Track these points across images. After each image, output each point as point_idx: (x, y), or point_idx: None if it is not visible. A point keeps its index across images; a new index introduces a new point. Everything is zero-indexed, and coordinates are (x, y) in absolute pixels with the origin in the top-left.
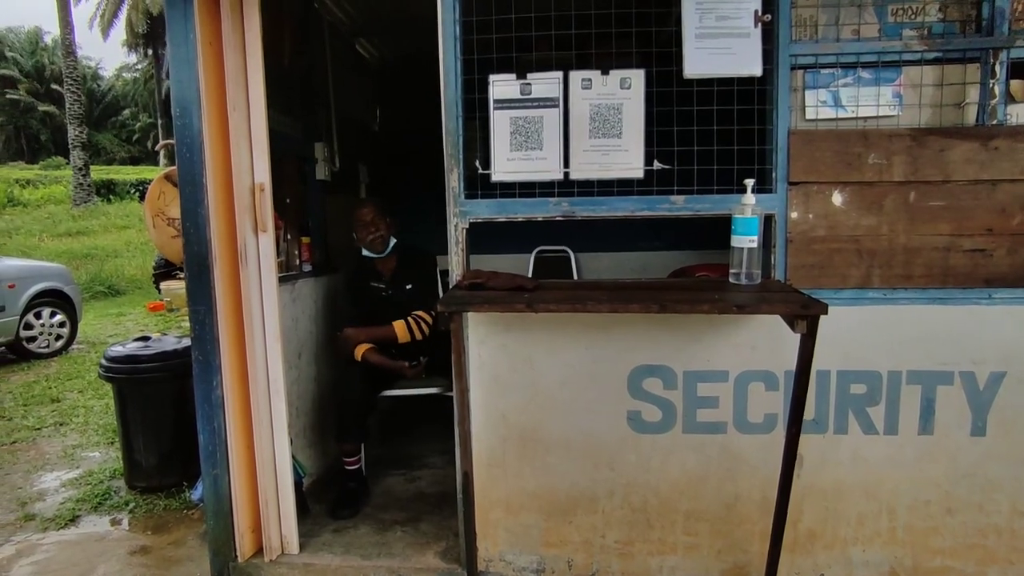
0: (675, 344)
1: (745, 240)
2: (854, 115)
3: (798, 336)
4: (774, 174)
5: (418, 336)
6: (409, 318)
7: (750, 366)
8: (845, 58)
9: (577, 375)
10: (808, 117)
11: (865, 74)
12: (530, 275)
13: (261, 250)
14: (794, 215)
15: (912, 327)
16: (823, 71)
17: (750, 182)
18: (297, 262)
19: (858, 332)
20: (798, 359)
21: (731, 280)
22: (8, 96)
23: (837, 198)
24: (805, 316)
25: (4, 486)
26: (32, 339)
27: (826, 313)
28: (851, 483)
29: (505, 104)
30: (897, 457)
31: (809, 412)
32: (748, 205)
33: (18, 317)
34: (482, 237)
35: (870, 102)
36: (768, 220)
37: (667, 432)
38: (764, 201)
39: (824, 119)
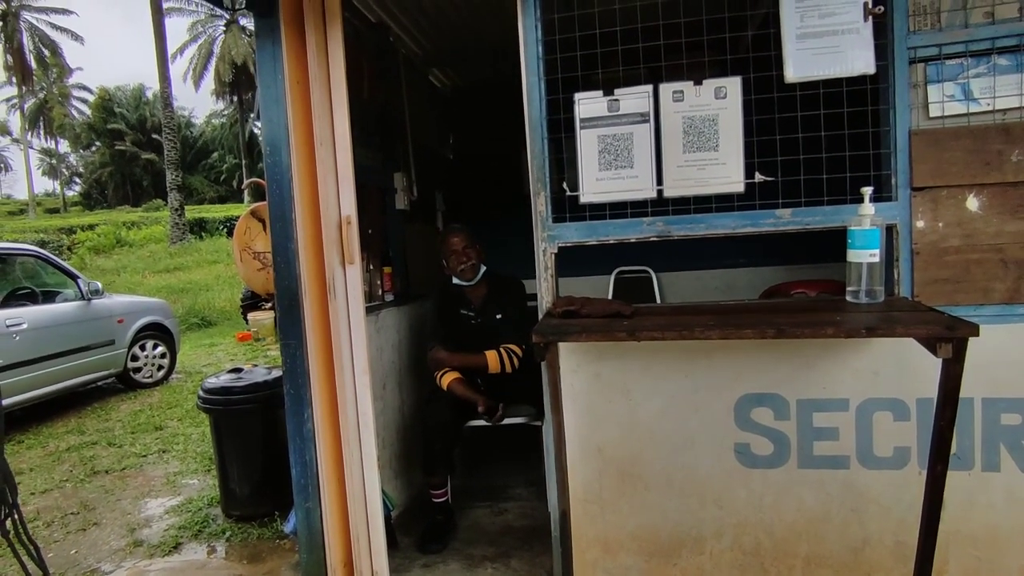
0: (786, 370)
1: (864, 254)
2: (990, 108)
3: (928, 359)
4: (894, 180)
5: (508, 369)
6: (501, 349)
7: (873, 393)
8: (977, 45)
9: (677, 405)
10: (933, 115)
11: (1003, 61)
12: (610, 296)
13: (349, 282)
14: (920, 224)
15: None
16: (949, 62)
17: (867, 190)
18: (380, 292)
19: (1008, 354)
20: (941, 387)
21: (849, 299)
22: (116, 148)
23: (973, 203)
24: (951, 339)
25: (115, 512)
26: (137, 370)
27: (976, 335)
28: (1008, 529)
29: (592, 122)
30: None
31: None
32: (866, 215)
33: (126, 350)
34: (559, 259)
35: (1011, 92)
36: (889, 231)
37: (780, 466)
38: (884, 210)
39: (952, 115)
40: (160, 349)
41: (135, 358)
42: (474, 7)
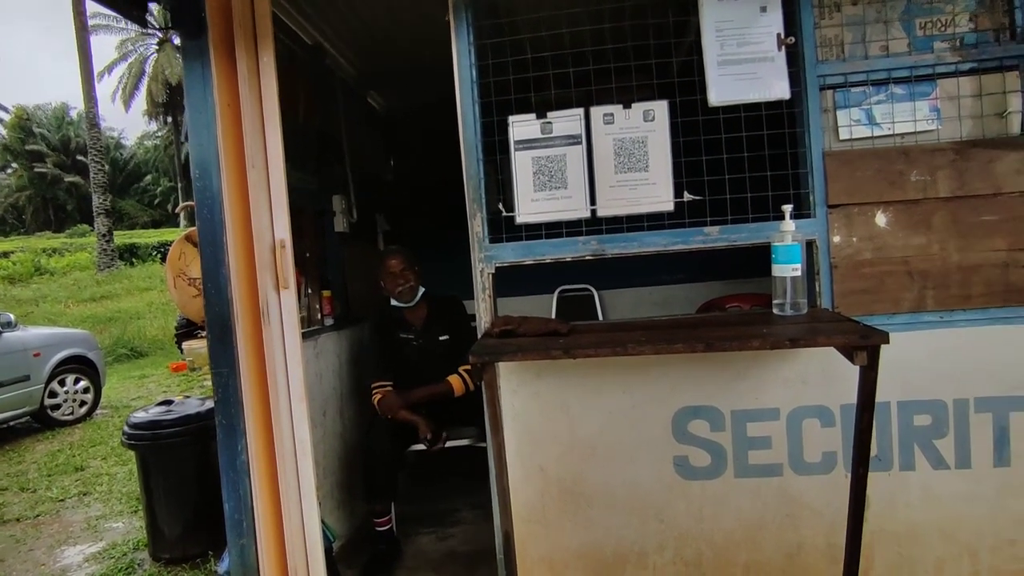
0: (720, 382)
1: (788, 269)
2: (891, 132)
3: (851, 367)
4: (812, 198)
5: (471, 387)
6: (461, 371)
7: (802, 402)
8: (876, 75)
9: (617, 421)
10: (842, 137)
11: (898, 90)
12: (553, 315)
13: (283, 307)
14: (837, 239)
15: (975, 350)
16: (854, 90)
17: (787, 208)
18: (319, 316)
19: (917, 359)
20: (859, 393)
21: (775, 312)
22: (36, 170)
23: (881, 219)
24: (865, 347)
25: (27, 563)
26: (56, 407)
27: (887, 342)
28: (925, 524)
29: (526, 144)
30: (974, 493)
31: (871, 448)
32: (787, 232)
33: (43, 386)
34: (502, 279)
35: (906, 118)
36: (809, 246)
37: (718, 477)
38: (804, 226)
39: (860, 138)
40: (83, 383)
41: (53, 394)
42: (410, 31)
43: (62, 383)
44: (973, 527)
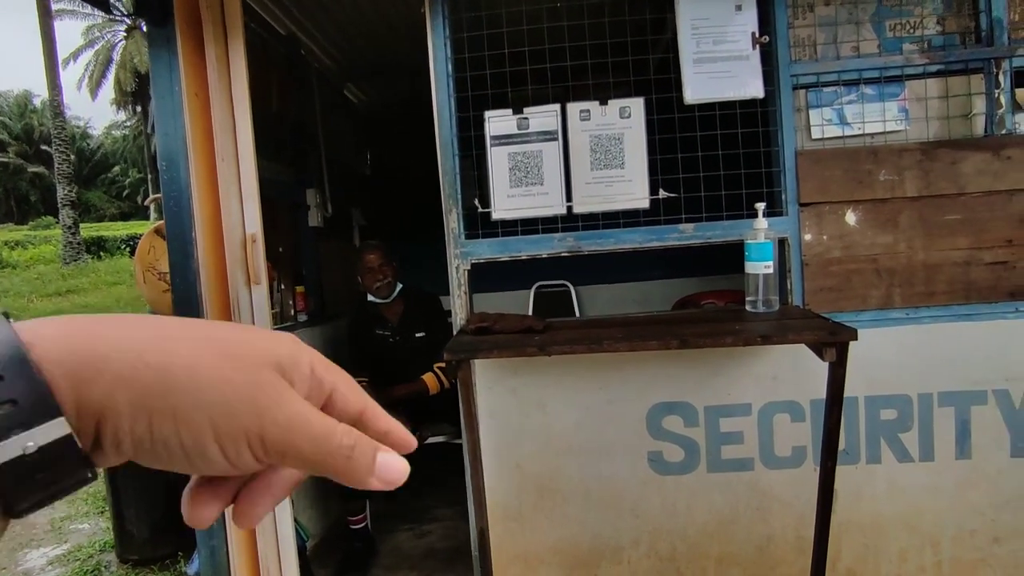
0: (693, 378)
1: (760, 266)
2: (861, 132)
3: (821, 363)
4: (784, 196)
5: (447, 385)
6: (436, 368)
7: (773, 397)
8: (847, 75)
9: (592, 417)
10: (814, 136)
11: (868, 90)
12: (531, 311)
13: (254, 303)
14: (808, 237)
15: (939, 346)
16: (826, 89)
17: (760, 206)
18: (292, 312)
19: (883, 355)
20: (828, 388)
21: (748, 308)
22: None
23: (851, 217)
24: (833, 343)
25: None
26: None
27: (856, 339)
28: (890, 515)
29: (502, 140)
30: (936, 485)
31: (839, 442)
32: (760, 230)
33: None
34: (479, 275)
35: (876, 118)
36: (781, 244)
37: (691, 472)
38: (776, 224)
39: (831, 137)
40: None
41: None
42: (387, 23)
43: None
44: (935, 518)
